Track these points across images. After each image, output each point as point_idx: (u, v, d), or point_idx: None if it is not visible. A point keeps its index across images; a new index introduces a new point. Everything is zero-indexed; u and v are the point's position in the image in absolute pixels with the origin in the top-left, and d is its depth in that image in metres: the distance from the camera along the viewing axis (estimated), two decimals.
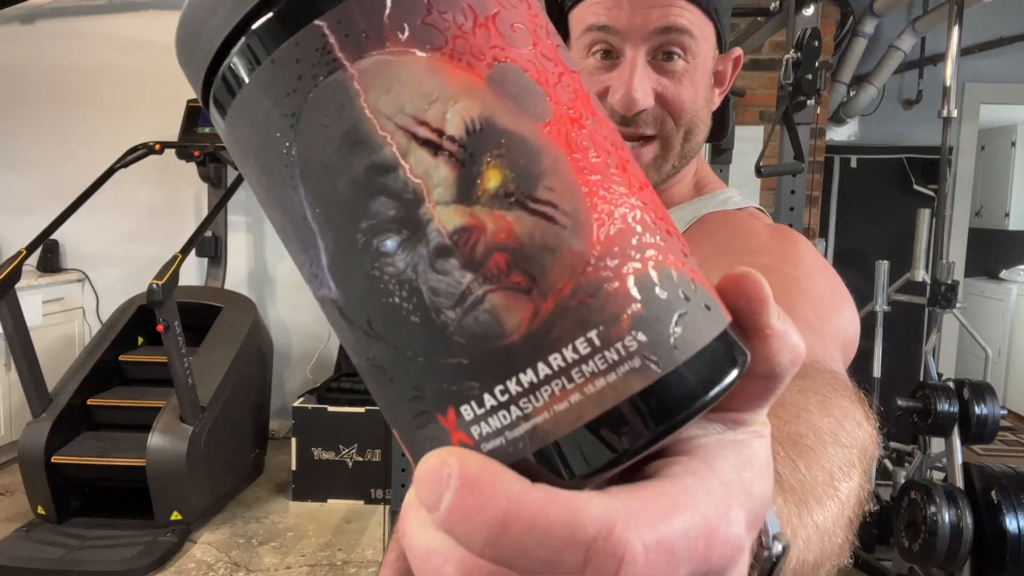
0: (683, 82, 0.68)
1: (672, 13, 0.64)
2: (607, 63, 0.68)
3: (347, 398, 3.44)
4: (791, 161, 2.03)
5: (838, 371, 0.52)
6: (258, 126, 0.21)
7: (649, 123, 0.68)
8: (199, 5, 0.21)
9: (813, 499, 0.35)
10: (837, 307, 0.64)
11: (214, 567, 2.89)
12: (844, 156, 3.89)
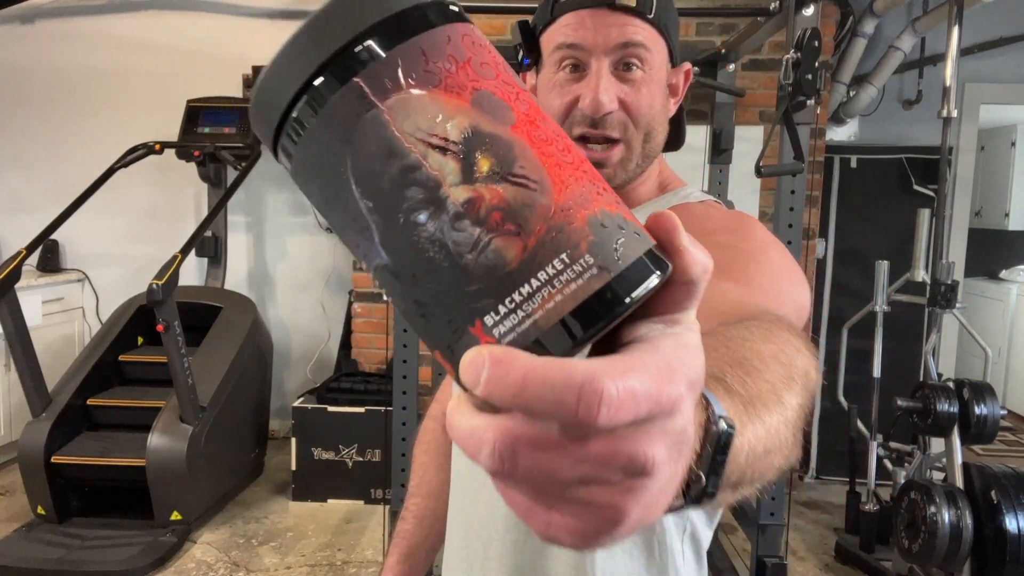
0: (641, 89, 0.77)
1: (629, 30, 0.75)
2: (576, 75, 0.77)
3: (347, 398, 3.44)
4: (791, 161, 2.03)
5: (783, 315, 0.56)
6: (320, 154, 0.29)
7: (614, 127, 0.76)
8: (271, 76, 0.30)
9: (760, 404, 0.41)
10: (789, 277, 0.69)
11: (214, 567, 2.89)
12: (844, 156, 3.88)
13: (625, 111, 0.77)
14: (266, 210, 4.34)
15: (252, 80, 4.09)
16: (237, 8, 4.20)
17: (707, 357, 0.30)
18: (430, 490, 0.99)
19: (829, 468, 3.96)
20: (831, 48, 3.56)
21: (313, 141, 0.29)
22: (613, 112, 0.76)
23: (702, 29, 3.53)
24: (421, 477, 1.00)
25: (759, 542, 2.33)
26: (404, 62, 0.29)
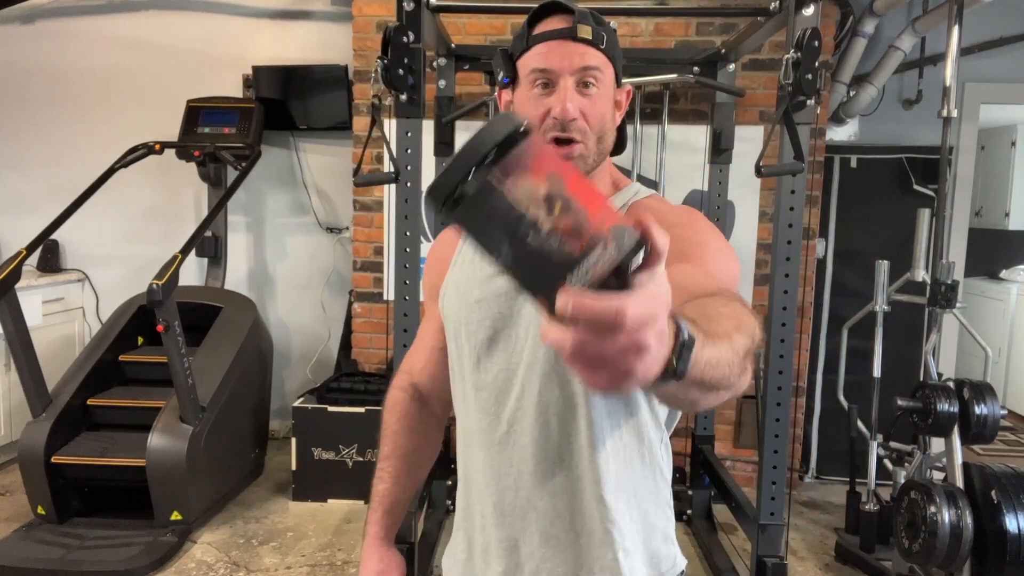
0: (596, 102, 0.99)
1: (588, 56, 0.98)
2: (547, 91, 0.99)
3: (347, 398, 3.44)
4: (791, 161, 2.03)
5: (734, 293, 0.83)
6: (473, 212, 0.52)
7: (576, 131, 0.98)
8: (447, 174, 0.52)
9: (716, 337, 0.65)
10: (728, 257, 0.95)
11: (214, 567, 2.89)
12: (844, 156, 3.88)
13: (584, 120, 0.98)
14: (266, 210, 4.34)
15: (252, 80, 4.09)
16: (237, 8, 4.20)
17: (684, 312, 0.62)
18: (404, 453, 1.18)
19: (829, 468, 3.96)
20: (831, 48, 3.56)
21: (470, 205, 0.52)
22: (576, 119, 0.98)
23: (702, 29, 3.53)
24: (395, 442, 1.17)
25: (759, 542, 2.33)
26: (511, 162, 0.52)
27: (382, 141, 2.17)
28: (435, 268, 1.14)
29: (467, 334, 1.01)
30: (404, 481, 1.17)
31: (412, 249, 2.29)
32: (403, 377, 1.20)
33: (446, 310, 1.06)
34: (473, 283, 1.02)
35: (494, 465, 0.99)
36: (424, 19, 2.20)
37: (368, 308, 3.81)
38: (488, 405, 0.99)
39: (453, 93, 3.16)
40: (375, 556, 1.15)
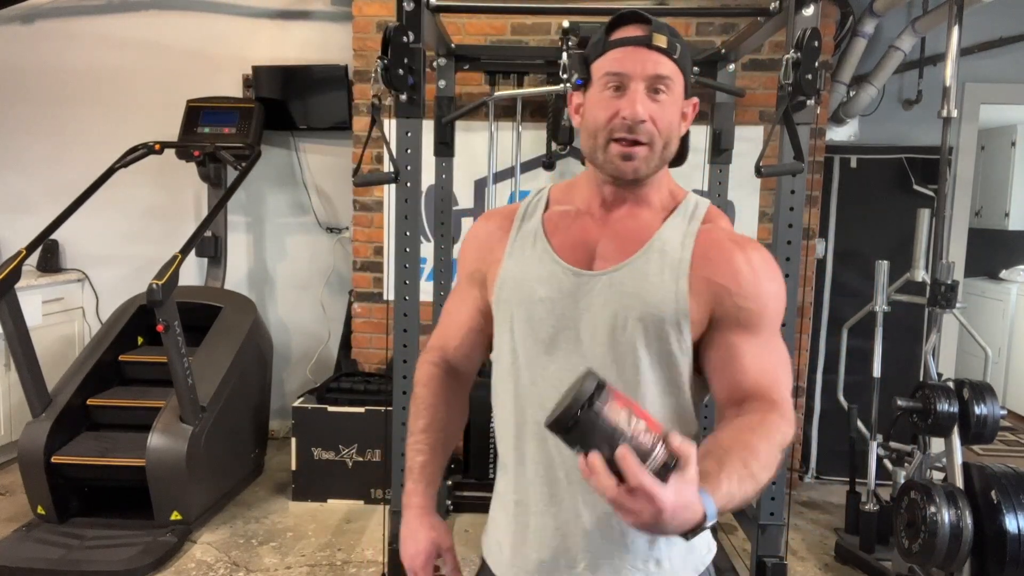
0: (664, 108, 1.03)
1: (660, 65, 1.02)
2: (618, 94, 1.03)
3: (347, 398, 3.44)
4: (791, 161, 2.03)
5: (775, 399, 1.03)
6: (585, 431, 0.80)
7: (643, 133, 1.02)
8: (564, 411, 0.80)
9: (745, 479, 0.89)
10: (778, 345, 1.09)
11: (214, 567, 2.89)
12: (844, 156, 3.88)
13: (652, 123, 1.02)
14: (266, 210, 4.34)
15: (252, 80, 4.09)
16: (237, 8, 4.20)
17: (722, 446, 0.93)
18: (441, 425, 1.20)
19: (829, 468, 3.96)
20: (831, 48, 3.56)
21: (583, 423, 0.79)
22: (645, 122, 1.02)
23: (702, 29, 3.53)
24: (432, 415, 1.19)
25: (759, 542, 2.33)
26: (600, 403, 0.80)
27: (382, 141, 2.17)
28: (480, 256, 1.16)
29: (528, 329, 1.07)
30: (440, 452, 1.19)
31: (412, 249, 2.29)
32: (435, 352, 1.23)
33: (502, 302, 1.10)
34: (535, 280, 1.07)
35: (548, 456, 1.06)
36: (424, 19, 2.20)
37: (368, 308, 3.81)
38: (546, 401, 0.98)
39: (453, 93, 3.16)
40: (426, 524, 1.14)
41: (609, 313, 1.03)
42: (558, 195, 1.17)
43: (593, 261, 1.07)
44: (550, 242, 1.10)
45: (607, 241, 1.07)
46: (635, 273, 1.04)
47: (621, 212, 1.09)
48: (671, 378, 1.04)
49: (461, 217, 3.66)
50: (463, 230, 3.67)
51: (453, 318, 1.21)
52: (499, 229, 1.15)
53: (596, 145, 1.05)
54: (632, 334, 1.02)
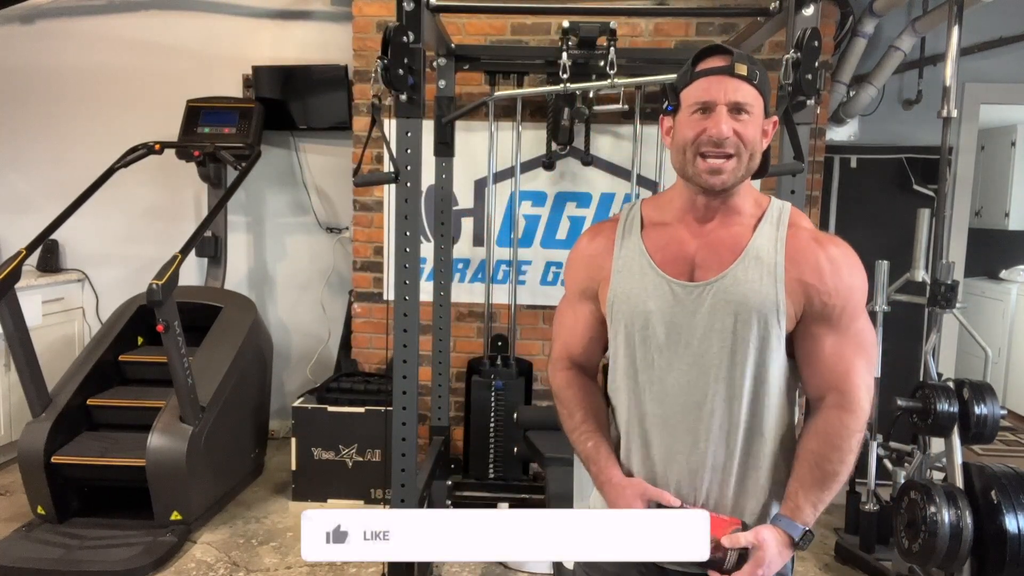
0: (747, 126, 1.18)
1: (741, 91, 1.17)
2: (704, 116, 1.18)
3: (347, 398, 3.44)
4: (791, 161, 2.03)
5: (844, 390, 1.23)
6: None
7: (730, 146, 1.17)
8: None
9: (829, 489, 1.22)
10: (868, 335, 1.26)
11: (214, 567, 2.89)
12: (844, 156, 3.88)
13: (738, 138, 1.17)
14: (266, 210, 4.34)
15: (252, 80, 4.09)
16: (237, 8, 4.20)
17: (797, 461, 1.24)
18: (594, 412, 1.36)
19: None
20: (831, 48, 3.55)
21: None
22: (730, 137, 1.16)
23: (702, 29, 3.52)
24: (585, 406, 1.36)
25: None
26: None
27: (382, 141, 2.17)
28: (589, 273, 1.33)
29: (642, 337, 1.24)
30: (603, 434, 1.34)
31: (412, 249, 2.28)
32: (563, 360, 1.40)
33: (616, 314, 1.27)
34: (644, 294, 1.24)
35: (670, 438, 1.25)
36: (424, 19, 2.20)
37: (368, 308, 3.81)
38: (661, 396, 1.23)
39: (453, 93, 3.16)
40: (628, 491, 1.27)
41: (715, 319, 1.19)
42: (651, 212, 1.31)
43: (694, 271, 1.22)
44: (653, 258, 1.25)
45: (704, 252, 1.22)
46: (736, 281, 1.19)
47: (714, 224, 1.24)
48: (772, 374, 1.21)
49: (461, 217, 3.66)
50: (463, 230, 3.67)
51: (572, 329, 1.39)
52: (603, 247, 1.31)
53: (685, 160, 1.20)
54: (737, 337, 1.19)
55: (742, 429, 1.22)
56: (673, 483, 1.25)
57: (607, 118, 3.42)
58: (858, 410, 1.20)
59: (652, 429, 1.26)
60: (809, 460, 1.20)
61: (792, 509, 1.20)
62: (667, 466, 1.25)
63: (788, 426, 1.27)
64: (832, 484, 1.19)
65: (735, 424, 1.21)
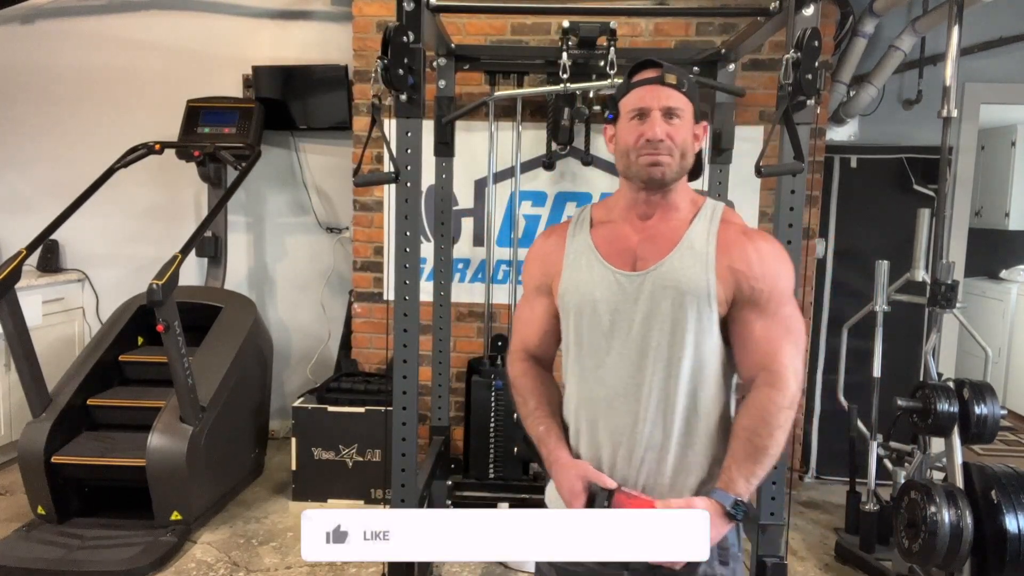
0: (679, 129, 1.31)
1: (672, 98, 1.31)
2: (641, 121, 1.31)
3: (347, 398, 3.44)
4: (791, 161, 2.03)
5: (773, 369, 1.31)
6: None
7: (664, 150, 1.29)
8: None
9: (763, 465, 1.29)
10: (794, 318, 1.35)
11: (214, 567, 2.89)
12: (844, 156, 3.88)
13: (670, 139, 1.30)
14: (266, 210, 4.34)
15: (252, 80, 4.09)
16: (237, 8, 4.20)
17: (734, 445, 1.29)
18: (547, 399, 1.45)
19: (829, 468, 3.96)
20: (831, 48, 3.55)
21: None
22: (664, 140, 1.29)
23: (702, 29, 3.53)
24: (539, 394, 1.45)
25: (759, 542, 2.32)
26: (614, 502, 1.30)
27: (382, 141, 2.17)
28: (543, 270, 1.44)
29: (590, 324, 1.34)
30: (555, 419, 1.43)
31: (412, 249, 2.28)
32: (520, 352, 1.50)
33: (567, 305, 1.38)
34: (591, 285, 1.34)
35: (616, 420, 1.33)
36: (424, 19, 2.19)
37: (368, 308, 3.81)
38: (607, 378, 1.32)
39: (453, 93, 3.16)
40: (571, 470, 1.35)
41: (654, 304, 1.29)
42: (599, 214, 1.43)
43: (636, 262, 1.33)
44: (599, 251, 1.36)
45: (645, 244, 1.33)
46: (672, 268, 1.30)
47: (654, 220, 1.35)
48: (707, 356, 1.30)
49: (461, 217, 3.66)
50: (463, 230, 3.67)
51: (529, 324, 1.49)
52: (556, 245, 1.42)
53: (628, 162, 1.33)
54: (673, 320, 1.28)
55: (679, 409, 1.30)
56: (618, 463, 1.33)
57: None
58: (785, 388, 1.29)
59: (597, 412, 1.34)
60: (741, 436, 1.28)
61: (726, 482, 1.26)
62: (611, 447, 1.33)
63: (724, 407, 1.34)
64: (763, 459, 1.26)
65: (672, 404, 1.29)
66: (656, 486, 1.31)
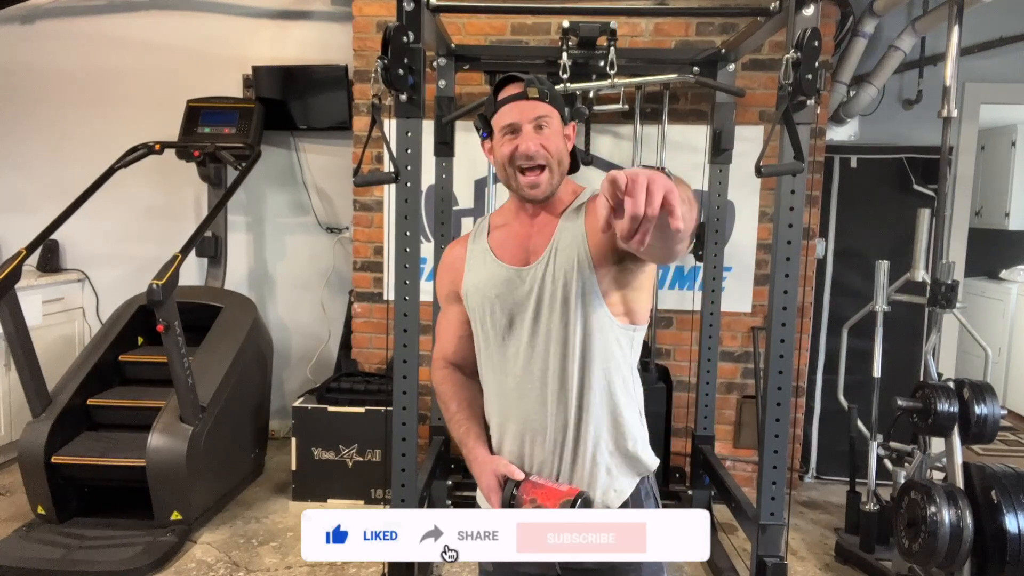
0: (550, 138, 1.38)
1: (538, 109, 1.38)
2: (513, 136, 1.38)
3: (347, 398, 3.44)
4: (791, 161, 2.03)
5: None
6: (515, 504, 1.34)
7: (540, 159, 1.37)
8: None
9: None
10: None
11: (214, 567, 2.89)
12: (844, 156, 3.88)
13: (544, 149, 1.37)
14: (266, 210, 4.34)
15: (252, 80, 4.09)
16: (237, 8, 4.20)
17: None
18: (468, 403, 1.49)
19: (829, 468, 3.96)
20: (831, 48, 3.55)
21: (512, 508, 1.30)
22: (538, 151, 1.36)
23: (702, 29, 3.53)
24: (459, 398, 1.50)
25: (759, 542, 2.33)
26: (522, 493, 1.32)
27: (382, 141, 2.17)
28: (451, 278, 1.49)
29: (492, 319, 1.39)
30: (476, 420, 1.47)
31: (412, 249, 2.29)
32: (440, 361, 1.57)
33: (471, 304, 1.43)
34: (489, 283, 1.40)
35: (525, 410, 1.37)
36: (424, 19, 2.20)
37: (368, 308, 3.81)
38: (512, 368, 1.37)
39: (453, 93, 3.16)
40: (489, 466, 1.39)
41: (544, 289, 1.35)
42: (496, 219, 1.51)
43: (529, 256, 1.40)
44: (495, 253, 1.44)
45: (535, 240, 1.41)
46: (555, 251, 1.36)
47: (542, 218, 1.42)
48: (595, 323, 1.33)
49: (461, 217, 3.66)
50: (463, 230, 3.66)
51: (444, 332, 1.55)
52: (459, 254, 1.49)
53: (508, 175, 1.39)
54: (563, 297, 1.33)
55: (575, 383, 1.33)
56: (536, 451, 1.36)
57: (607, 118, 3.42)
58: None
59: (510, 404, 1.39)
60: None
61: None
62: (527, 436, 1.37)
63: (619, 371, 1.37)
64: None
65: (568, 380, 1.33)
66: (561, 465, 1.35)
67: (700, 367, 3.31)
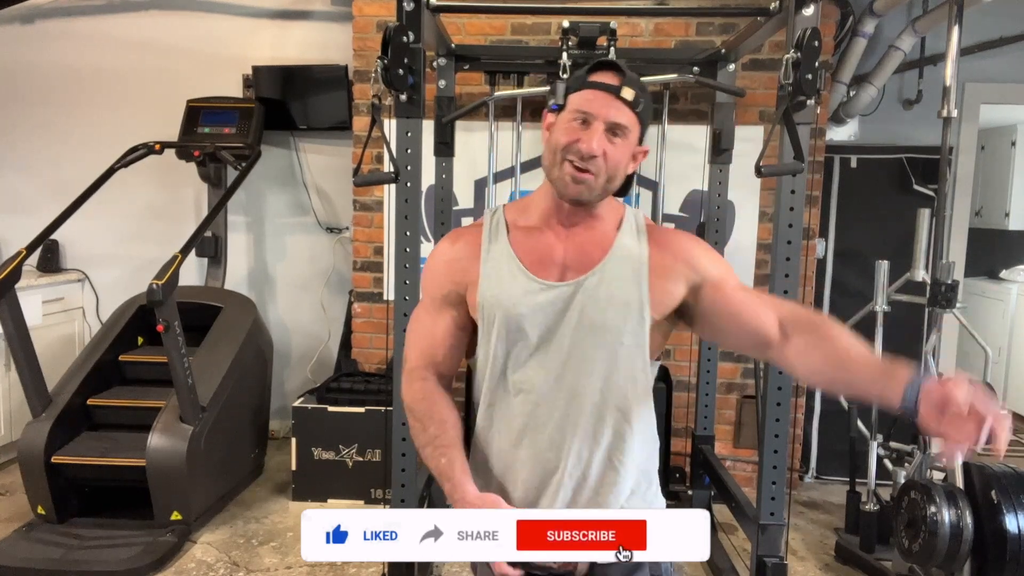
0: (617, 149, 1.22)
1: (622, 114, 1.22)
2: (582, 126, 1.22)
3: (347, 398, 3.44)
4: (791, 161, 2.03)
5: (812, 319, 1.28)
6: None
7: (593, 165, 1.21)
8: None
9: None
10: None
11: (214, 567, 2.89)
12: (844, 156, 3.88)
13: (603, 158, 1.21)
14: (266, 210, 4.34)
15: (252, 80, 4.09)
16: (237, 8, 4.20)
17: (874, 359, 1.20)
18: (449, 425, 1.29)
19: (829, 468, 3.96)
20: (831, 48, 3.55)
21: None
22: (597, 157, 1.21)
23: (702, 29, 3.53)
24: (441, 419, 1.29)
25: (759, 542, 2.33)
26: None
27: (382, 141, 2.17)
28: (453, 279, 1.31)
29: (516, 337, 1.24)
30: (457, 447, 1.28)
31: (412, 249, 2.29)
32: (419, 371, 1.34)
33: (487, 316, 1.27)
34: (516, 298, 1.24)
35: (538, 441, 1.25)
36: (424, 19, 2.20)
37: (368, 308, 3.81)
38: (536, 395, 1.24)
39: (453, 93, 3.16)
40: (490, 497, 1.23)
41: (584, 317, 1.22)
42: (515, 216, 1.33)
43: (564, 272, 1.26)
44: (522, 262, 1.27)
45: (573, 253, 1.26)
46: (603, 279, 1.23)
47: (579, 227, 1.28)
48: (637, 364, 1.25)
49: (461, 217, 3.66)
50: None
51: (432, 337, 1.34)
52: (468, 252, 1.31)
53: (554, 161, 1.23)
54: (606, 330, 1.22)
55: (611, 422, 1.24)
56: (541, 485, 1.25)
57: None
58: (825, 318, 1.26)
59: (522, 431, 1.26)
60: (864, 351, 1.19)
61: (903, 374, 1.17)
62: (540, 467, 1.26)
63: (650, 420, 1.31)
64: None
65: (603, 417, 1.24)
66: (575, 504, 1.25)
67: (700, 367, 3.31)
